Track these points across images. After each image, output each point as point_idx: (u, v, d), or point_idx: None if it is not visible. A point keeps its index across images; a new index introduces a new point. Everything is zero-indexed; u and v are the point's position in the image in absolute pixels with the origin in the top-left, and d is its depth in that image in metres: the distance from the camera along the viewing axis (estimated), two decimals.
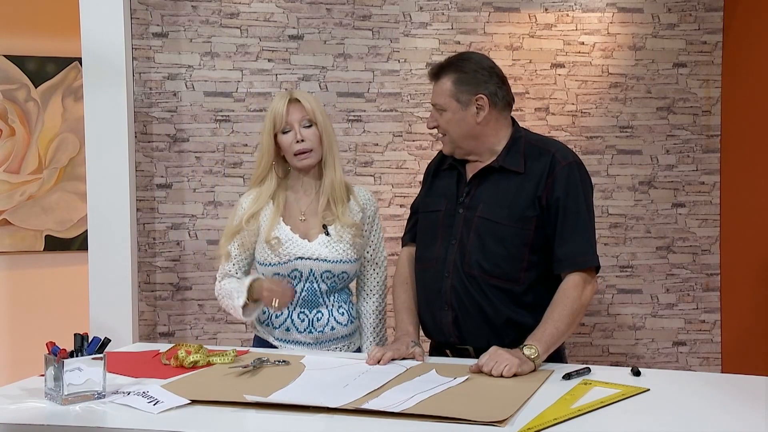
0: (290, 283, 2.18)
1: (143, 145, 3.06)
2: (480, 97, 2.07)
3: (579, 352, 3.24)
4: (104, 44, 2.88)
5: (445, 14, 3.20)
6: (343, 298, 2.28)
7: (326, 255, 2.21)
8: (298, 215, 2.26)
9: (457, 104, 2.07)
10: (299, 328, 2.22)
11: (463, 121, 2.08)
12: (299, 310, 2.23)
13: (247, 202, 2.28)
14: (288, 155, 2.23)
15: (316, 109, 2.23)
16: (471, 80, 2.07)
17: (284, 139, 2.22)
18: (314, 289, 2.22)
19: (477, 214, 2.06)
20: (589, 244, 2.04)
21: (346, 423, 1.49)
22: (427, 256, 2.15)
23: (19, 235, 3.67)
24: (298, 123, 2.21)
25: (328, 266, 2.22)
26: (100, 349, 1.68)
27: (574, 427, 1.46)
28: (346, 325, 2.27)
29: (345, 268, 2.24)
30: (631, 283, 3.26)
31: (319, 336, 2.22)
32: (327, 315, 2.23)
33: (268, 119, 2.23)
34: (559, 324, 1.97)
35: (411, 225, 2.33)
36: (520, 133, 2.15)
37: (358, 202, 2.31)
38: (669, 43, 3.25)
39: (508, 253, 2.03)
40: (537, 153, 2.08)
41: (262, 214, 2.24)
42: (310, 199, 2.28)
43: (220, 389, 1.69)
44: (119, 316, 2.89)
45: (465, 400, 1.61)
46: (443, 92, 2.09)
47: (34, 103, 3.66)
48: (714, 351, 3.29)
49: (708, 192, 3.28)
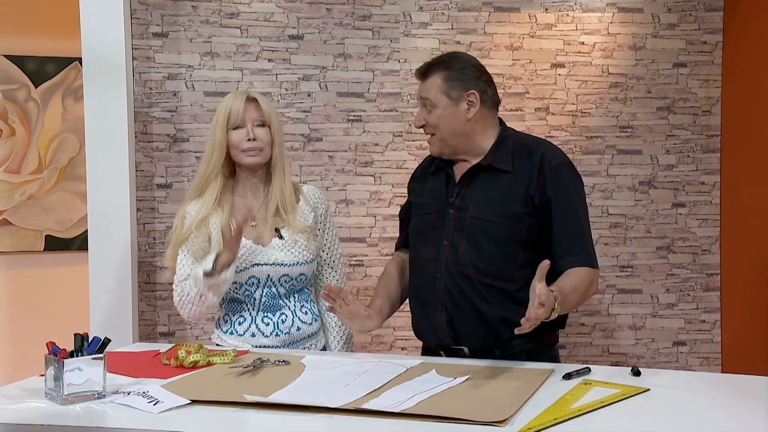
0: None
1: (143, 145, 3.06)
2: (471, 93, 2.06)
3: (579, 352, 3.24)
4: (104, 44, 2.88)
5: (445, 14, 3.20)
6: (304, 297, 2.27)
7: (282, 259, 2.19)
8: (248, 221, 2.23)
9: (448, 100, 2.06)
10: (265, 332, 2.19)
11: (453, 117, 2.07)
12: (262, 315, 2.20)
13: (193, 209, 2.22)
14: (235, 152, 2.20)
15: (272, 111, 2.23)
16: (461, 77, 2.07)
17: (235, 135, 2.19)
18: (273, 293, 2.20)
19: (468, 213, 2.06)
20: (587, 248, 2.03)
21: (346, 423, 1.49)
22: (419, 258, 2.15)
23: (19, 235, 3.67)
24: (252, 122, 2.20)
25: (285, 270, 2.20)
26: (100, 349, 1.68)
27: (574, 427, 1.46)
28: (311, 323, 2.25)
29: (302, 270, 2.23)
30: (631, 283, 3.26)
31: (286, 338, 2.20)
32: (291, 316, 2.22)
33: (222, 114, 2.20)
34: (574, 294, 1.92)
35: (402, 230, 2.33)
36: (508, 132, 2.15)
37: (309, 202, 2.29)
38: (669, 43, 3.25)
39: (502, 252, 2.03)
40: (526, 152, 2.08)
41: (210, 222, 2.19)
42: (259, 204, 2.26)
43: (220, 389, 1.69)
44: (119, 316, 2.89)
45: (465, 400, 1.61)
46: (433, 88, 2.08)
47: (34, 103, 3.66)
48: (714, 351, 3.29)
49: (708, 192, 3.28)
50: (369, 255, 3.16)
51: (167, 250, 2.25)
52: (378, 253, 3.15)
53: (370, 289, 2.59)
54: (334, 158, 3.16)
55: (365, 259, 3.16)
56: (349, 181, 3.15)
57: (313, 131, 3.14)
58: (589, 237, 2.06)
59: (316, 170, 3.13)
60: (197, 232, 2.18)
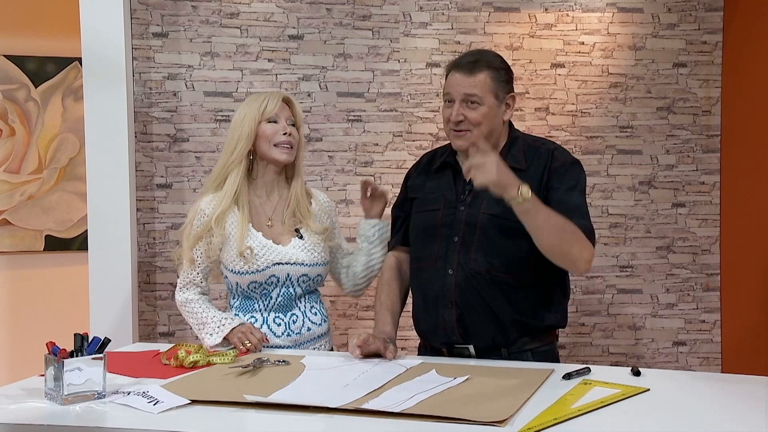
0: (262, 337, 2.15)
1: (143, 145, 3.06)
2: (511, 96, 2.11)
3: (579, 352, 3.24)
4: (104, 44, 2.88)
5: (445, 14, 3.20)
6: (314, 298, 2.30)
7: (303, 259, 2.21)
8: (264, 221, 2.24)
9: (495, 100, 2.07)
10: (276, 332, 2.20)
11: (496, 117, 2.09)
12: (274, 315, 2.21)
13: (209, 205, 2.21)
14: (266, 145, 2.21)
15: (301, 115, 2.30)
16: (506, 78, 2.10)
17: (270, 127, 2.21)
18: (289, 293, 2.22)
19: (481, 210, 2.06)
20: (587, 223, 2.00)
21: (346, 423, 1.49)
22: (425, 255, 2.14)
23: (19, 235, 3.67)
24: (285, 119, 2.24)
25: (305, 270, 2.22)
26: (100, 349, 1.68)
27: (574, 427, 1.46)
28: (321, 324, 2.28)
29: (320, 271, 2.26)
30: (631, 283, 3.26)
31: (297, 338, 2.21)
32: (302, 317, 2.24)
33: (254, 108, 2.20)
34: (553, 215, 1.90)
35: (397, 228, 2.31)
36: (517, 134, 2.18)
37: (322, 207, 2.35)
38: (669, 43, 3.25)
39: (516, 249, 2.02)
40: (536, 152, 2.11)
41: (228, 221, 2.20)
42: (274, 205, 2.27)
43: (220, 389, 1.69)
44: (119, 316, 2.89)
45: (465, 400, 1.61)
46: (482, 85, 2.06)
47: (34, 103, 3.66)
48: (714, 351, 3.29)
49: (708, 192, 3.28)
50: None
51: (182, 243, 2.24)
52: None
53: (369, 289, 2.58)
54: (334, 158, 3.16)
55: None
56: (349, 181, 3.15)
57: (313, 131, 3.14)
58: (588, 217, 2.03)
59: (316, 170, 3.13)
60: (216, 227, 2.18)
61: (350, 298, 3.13)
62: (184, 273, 2.24)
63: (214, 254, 2.20)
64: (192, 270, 2.23)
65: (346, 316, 3.20)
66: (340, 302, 3.18)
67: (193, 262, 2.21)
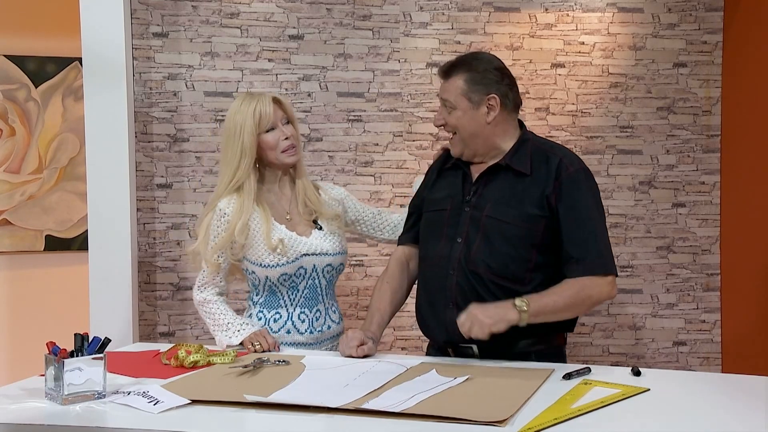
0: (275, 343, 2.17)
1: (143, 145, 3.06)
2: (492, 98, 2.08)
3: (579, 352, 3.24)
4: (104, 44, 2.88)
5: (445, 14, 3.20)
6: (332, 297, 2.35)
7: (327, 248, 2.26)
8: (284, 215, 2.28)
9: (469, 103, 2.08)
10: (300, 329, 2.23)
11: (473, 120, 2.08)
12: (299, 311, 2.24)
13: (228, 205, 2.22)
14: (273, 153, 2.24)
15: (292, 110, 2.31)
16: (483, 80, 2.08)
17: (270, 136, 2.23)
18: (315, 285, 2.26)
19: (485, 213, 2.06)
20: (598, 253, 2.02)
21: (346, 423, 1.49)
22: (431, 254, 2.15)
23: (19, 235, 3.67)
24: (280, 121, 2.26)
25: (329, 260, 2.27)
26: (100, 349, 1.68)
27: (574, 427, 1.46)
28: (338, 323, 2.34)
29: (341, 260, 2.32)
30: (631, 283, 3.26)
31: (318, 336, 2.26)
32: (324, 313, 2.29)
33: (250, 119, 2.20)
34: (558, 299, 1.96)
35: (410, 225, 2.32)
36: (528, 136, 2.17)
37: (333, 198, 2.39)
38: (669, 43, 3.25)
39: (516, 253, 2.03)
40: (544, 157, 2.09)
41: (251, 221, 2.23)
42: (288, 200, 2.31)
43: (220, 389, 1.70)
44: (119, 316, 2.89)
45: (465, 400, 1.61)
46: (454, 90, 2.09)
47: (34, 103, 3.66)
48: (714, 351, 3.28)
49: (708, 192, 3.28)
50: (369, 255, 3.16)
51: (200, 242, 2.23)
52: (378, 253, 3.15)
53: (369, 289, 2.59)
54: (334, 158, 3.16)
55: (365, 259, 3.16)
56: (349, 181, 3.15)
57: (313, 131, 3.14)
58: (602, 241, 2.04)
59: (316, 170, 3.13)
60: (240, 237, 2.19)
61: (350, 298, 3.14)
62: (203, 273, 2.27)
63: (240, 254, 2.24)
64: (215, 273, 2.25)
65: (346, 316, 3.19)
66: (340, 302, 3.17)
67: (218, 267, 2.23)
